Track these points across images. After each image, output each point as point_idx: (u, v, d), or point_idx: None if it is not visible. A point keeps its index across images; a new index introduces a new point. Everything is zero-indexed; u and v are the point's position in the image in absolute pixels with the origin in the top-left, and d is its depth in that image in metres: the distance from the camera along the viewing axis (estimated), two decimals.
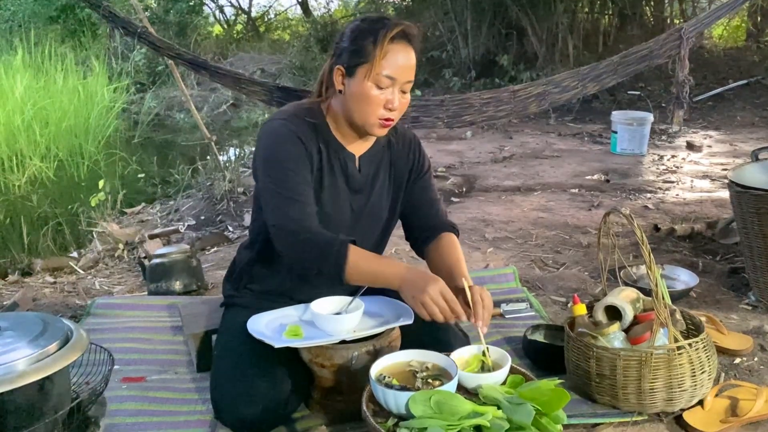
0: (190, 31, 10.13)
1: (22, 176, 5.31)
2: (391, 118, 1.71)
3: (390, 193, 1.90)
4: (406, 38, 1.68)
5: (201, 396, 1.89)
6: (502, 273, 2.75)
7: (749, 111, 6.68)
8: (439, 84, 7.97)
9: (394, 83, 1.67)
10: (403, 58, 1.66)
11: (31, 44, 7.83)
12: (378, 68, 1.65)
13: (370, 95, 1.67)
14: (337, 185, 1.80)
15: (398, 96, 1.69)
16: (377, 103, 1.68)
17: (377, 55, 1.64)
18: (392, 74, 1.66)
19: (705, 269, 2.81)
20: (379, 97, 1.67)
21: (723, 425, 1.69)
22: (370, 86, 1.66)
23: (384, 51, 1.64)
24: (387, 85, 1.67)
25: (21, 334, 1.37)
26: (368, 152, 1.85)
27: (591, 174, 4.62)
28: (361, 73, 1.66)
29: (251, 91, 4.11)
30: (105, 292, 2.90)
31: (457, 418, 1.33)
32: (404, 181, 1.91)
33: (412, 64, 1.69)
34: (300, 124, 1.75)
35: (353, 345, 1.65)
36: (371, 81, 1.66)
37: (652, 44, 4.38)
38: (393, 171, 1.89)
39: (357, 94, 1.68)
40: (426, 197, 1.93)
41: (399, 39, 1.66)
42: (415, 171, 1.91)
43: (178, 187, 4.86)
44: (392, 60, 1.65)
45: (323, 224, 1.72)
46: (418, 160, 1.92)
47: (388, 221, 1.92)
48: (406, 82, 1.69)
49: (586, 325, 1.86)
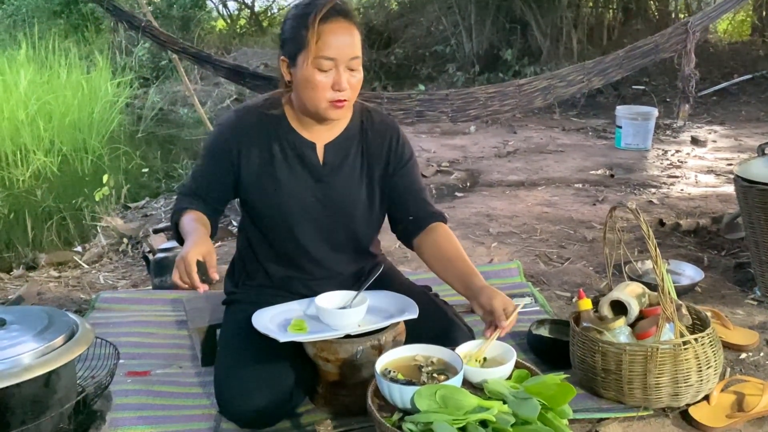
0: (193, 25, 10.10)
1: (27, 171, 5.31)
2: (341, 98, 1.68)
3: (364, 182, 1.85)
4: (340, 14, 1.65)
5: (205, 390, 1.89)
6: (507, 268, 2.74)
7: (754, 106, 6.65)
8: (443, 78, 7.95)
9: (337, 63, 1.65)
10: (339, 36, 1.64)
11: (34, 39, 7.82)
12: (315, 52, 1.63)
13: (314, 80, 1.66)
14: (297, 174, 1.79)
15: (346, 75, 1.67)
16: (323, 86, 1.66)
17: (311, 39, 1.62)
18: (330, 55, 1.64)
19: (710, 264, 2.80)
20: (324, 80, 1.66)
21: (729, 420, 1.69)
22: (312, 71, 1.65)
23: (317, 33, 1.62)
24: (329, 67, 1.65)
25: (27, 327, 1.37)
26: (335, 141, 1.82)
27: (595, 169, 4.60)
28: (301, 60, 1.66)
29: (255, 86, 4.11)
30: (109, 286, 2.90)
31: (463, 413, 1.33)
32: (382, 171, 1.86)
33: (351, 41, 1.66)
34: (250, 118, 1.79)
35: (358, 339, 1.65)
36: (312, 66, 1.64)
37: (658, 38, 4.37)
38: (366, 159, 1.85)
39: (303, 82, 1.68)
40: (410, 187, 1.89)
41: (331, 17, 1.63)
42: (394, 161, 1.87)
43: (182, 181, 4.86)
44: (327, 41, 1.63)
45: (287, 213, 1.78)
46: (396, 149, 1.87)
47: (367, 212, 1.87)
48: (349, 59, 1.66)
49: (592, 320, 1.86)
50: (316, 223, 1.82)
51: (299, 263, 1.87)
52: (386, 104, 4.06)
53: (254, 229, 1.87)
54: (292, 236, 1.82)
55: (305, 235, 1.82)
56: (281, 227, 1.82)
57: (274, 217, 1.81)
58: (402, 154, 1.89)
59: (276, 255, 1.87)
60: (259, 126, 1.78)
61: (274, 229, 1.83)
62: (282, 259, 1.87)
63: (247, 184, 1.80)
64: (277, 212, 1.80)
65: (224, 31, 11.51)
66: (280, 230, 1.83)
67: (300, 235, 1.82)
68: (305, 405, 1.78)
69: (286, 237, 1.83)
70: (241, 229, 1.94)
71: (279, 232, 1.83)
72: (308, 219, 1.81)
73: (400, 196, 1.89)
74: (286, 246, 1.84)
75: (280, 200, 1.79)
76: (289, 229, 1.82)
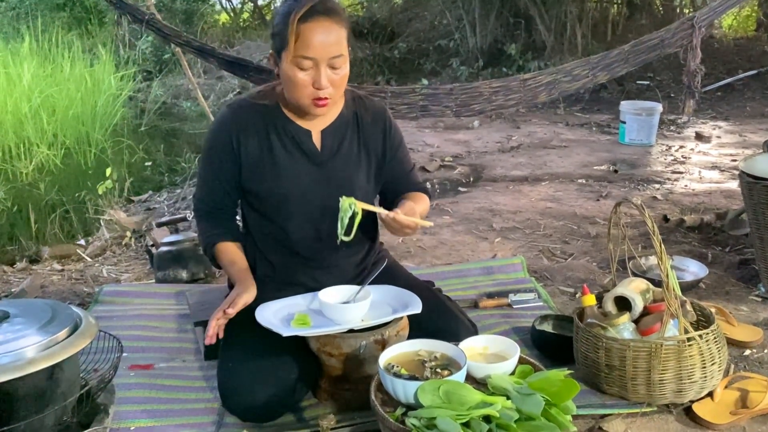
0: (196, 19, 10.09)
1: (30, 164, 5.31)
2: (322, 97, 1.69)
3: (362, 164, 1.88)
4: (321, 13, 1.63)
5: (209, 384, 1.89)
6: (510, 263, 2.73)
7: (759, 101, 6.62)
8: (446, 73, 7.92)
9: (317, 62, 1.65)
10: (318, 35, 1.63)
11: (38, 31, 7.82)
12: (294, 51, 1.63)
13: (295, 78, 1.66)
14: (296, 161, 1.81)
15: (327, 73, 1.66)
16: (304, 84, 1.67)
17: (290, 38, 1.62)
18: (309, 54, 1.63)
19: (714, 260, 2.79)
20: (305, 78, 1.66)
21: (733, 417, 1.68)
22: (293, 69, 1.66)
23: (296, 33, 1.62)
24: (309, 66, 1.65)
25: (30, 321, 1.37)
26: (330, 126, 1.84)
27: (599, 164, 4.59)
28: (284, 57, 1.67)
29: (259, 79, 4.10)
30: (112, 279, 2.90)
31: (466, 408, 1.33)
32: (379, 157, 1.90)
33: (332, 39, 1.65)
34: (245, 111, 1.80)
35: (361, 334, 1.65)
36: (292, 64, 1.65)
37: (664, 33, 4.35)
38: (362, 144, 1.87)
39: (285, 78, 1.70)
40: (402, 170, 1.96)
41: (311, 16, 1.62)
42: (390, 149, 1.91)
43: (185, 175, 4.86)
44: (306, 40, 1.62)
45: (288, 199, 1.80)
46: (390, 135, 1.91)
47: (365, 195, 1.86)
48: (330, 58, 1.65)
49: (596, 316, 1.85)
50: (317, 207, 1.83)
51: (301, 250, 1.86)
52: (390, 98, 4.04)
53: (255, 216, 1.88)
54: (293, 222, 1.83)
55: (306, 221, 1.83)
56: (283, 213, 1.83)
57: (275, 203, 1.82)
58: (394, 139, 1.93)
59: (277, 242, 1.87)
60: (254, 117, 1.80)
61: (276, 216, 1.84)
62: (283, 246, 1.87)
63: (247, 173, 1.82)
64: (279, 199, 1.82)
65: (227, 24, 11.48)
66: (282, 216, 1.84)
67: (301, 221, 1.83)
68: (308, 399, 1.79)
69: (288, 223, 1.84)
70: (242, 219, 1.94)
71: (280, 219, 1.84)
72: (309, 204, 1.82)
73: (394, 178, 1.95)
74: (287, 232, 1.85)
75: (281, 187, 1.80)
76: (291, 214, 1.83)
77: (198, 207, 1.90)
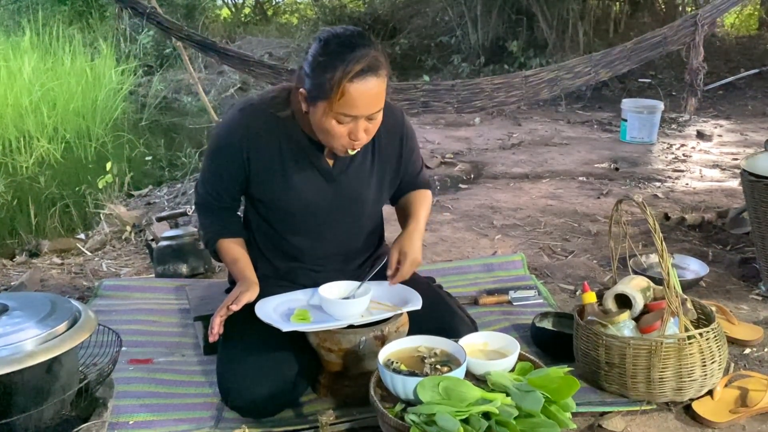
0: (198, 13, 10.07)
1: (30, 157, 5.30)
2: (355, 144, 1.65)
3: (373, 179, 1.85)
4: (371, 72, 1.56)
5: (208, 379, 1.89)
6: (510, 260, 2.73)
7: (761, 100, 6.60)
8: (448, 70, 7.91)
9: (356, 118, 1.60)
10: (363, 95, 1.56)
11: (38, 25, 7.80)
12: (336, 108, 1.56)
13: (332, 130, 1.61)
14: (307, 177, 1.77)
15: (364, 124, 1.62)
16: (340, 134, 1.62)
17: (334, 95, 1.54)
18: (352, 113, 1.58)
19: (715, 259, 2.79)
20: (342, 129, 1.61)
21: (732, 416, 1.68)
22: (330, 122, 1.60)
23: (341, 91, 1.54)
24: (348, 121, 1.60)
25: (29, 314, 1.37)
26: None
27: (600, 162, 4.58)
28: (320, 107, 1.59)
29: (260, 74, 4.09)
30: (112, 274, 2.90)
31: (466, 405, 1.33)
32: (394, 169, 1.88)
33: (375, 96, 1.59)
34: (257, 119, 1.73)
35: (361, 330, 1.64)
36: (330, 117, 1.59)
37: (666, 31, 4.33)
38: (377, 158, 1.84)
39: (318, 125, 1.63)
40: (412, 171, 1.95)
41: (361, 76, 1.54)
42: (405, 154, 1.89)
43: (185, 170, 4.86)
44: (351, 101, 1.55)
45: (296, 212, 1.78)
46: (407, 144, 1.89)
47: (373, 208, 1.89)
48: (371, 113, 1.61)
49: (596, 314, 1.85)
50: (325, 221, 1.81)
51: (304, 259, 1.86)
52: (391, 94, 4.03)
53: (260, 221, 1.86)
54: (299, 233, 1.83)
55: (313, 232, 1.83)
56: (288, 224, 1.82)
57: (282, 214, 1.81)
58: (409, 147, 1.91)
59: (281, 249, 1.86)
60: (267, 128, 1.73)
61: (282, 225, 1.83)
62: (287, 253, 1.87)
63: (256, 183, 1.78)
64: (286, 211, 1.80)
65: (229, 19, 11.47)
66: (286, 227, 1.83)
67: (308, 232, 1.83)
68: (307, 395, 1.78)
69: (294, 233, 1.83)
70: (245, 219, 1.93)
71: (286, 228, 1.83)
72: (316, 218, 1.80)
73: (404, 181, 1.94)
74: (292, 241, 1.84)
75: (288, 201, 1.78)
76: (296, 227, 1.82)
77: (200, 201, 1.87)
